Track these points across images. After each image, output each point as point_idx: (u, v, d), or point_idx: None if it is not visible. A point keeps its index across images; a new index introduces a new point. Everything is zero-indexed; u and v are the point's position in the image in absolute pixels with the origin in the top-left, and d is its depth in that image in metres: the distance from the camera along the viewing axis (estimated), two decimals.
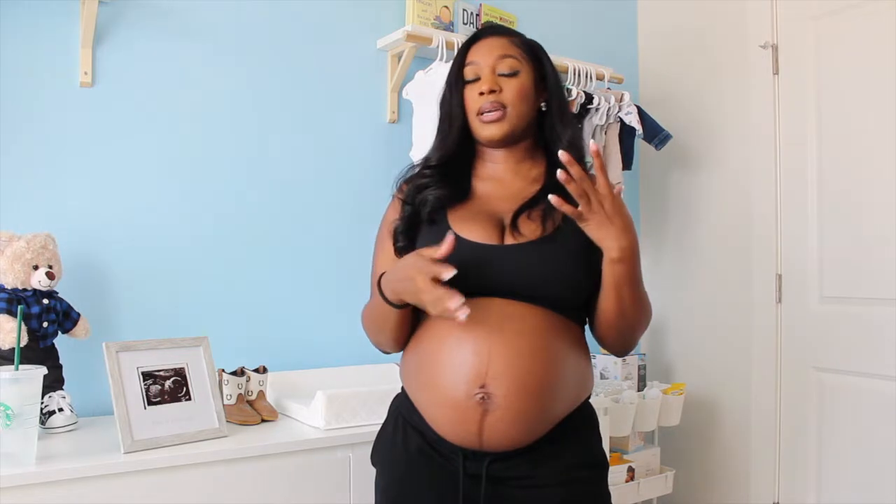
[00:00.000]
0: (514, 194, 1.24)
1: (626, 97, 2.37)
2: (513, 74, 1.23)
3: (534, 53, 1.28)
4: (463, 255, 1.16)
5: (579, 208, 1.07)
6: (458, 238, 1.17)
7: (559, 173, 1.04)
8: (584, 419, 1.24)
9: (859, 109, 2.15)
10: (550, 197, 1.05)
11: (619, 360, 2.38)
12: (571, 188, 1.05)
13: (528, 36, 1.32)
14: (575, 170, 1.04)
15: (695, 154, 2.62)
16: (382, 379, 1.99)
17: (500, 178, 1.28)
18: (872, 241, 2.11)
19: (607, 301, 1.16)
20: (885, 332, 2.06)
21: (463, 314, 1.02)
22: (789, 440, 2.32)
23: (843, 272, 2.19)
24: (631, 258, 1.11)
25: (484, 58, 1.24)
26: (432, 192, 1.24)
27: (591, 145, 1.05)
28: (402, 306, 1.16)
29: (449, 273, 1.04)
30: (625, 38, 2.80)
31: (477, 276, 1.15)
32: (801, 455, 2.28)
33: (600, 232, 1.09)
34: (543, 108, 1.28)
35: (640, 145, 2.55)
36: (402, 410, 1.25)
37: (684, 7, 2.67)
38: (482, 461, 1.14)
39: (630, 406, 2.20)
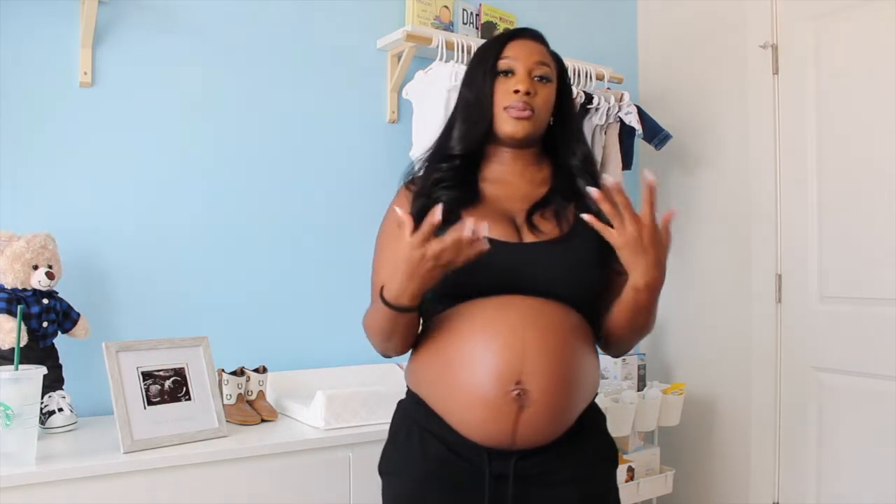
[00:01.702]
0: (523, 196, 1.26)
1: (626, 97, 2.36)
2: (546, 83, 1.26)
3: (560, 69, 1.31)
4: (487, 253, 1.14)
5: (614, 229, 1.08)
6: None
7: (594, 192, 1.05)
8: (597, 413, 1.28)
9: (859, 109, 2.14)
10: (584, 216, 1.07)
11: (619, 360, 2.38)
12: (605, 208, 1.06)
13: None
14: (620, 199, 1.05)
15: (695, 154, 2.62)
16: (382, 379, 1.99)
17: (507, 181, 1.29)
18: (872, 241, 2.11)
19: (621, 317, 1.18)
20: (885, 332, 2.06)
21: (482, 228, 1.03)
22: (789, 440, 2.32)
23: (843, 272, 2.19)
24: (654, 291, 1.13)
25: (523, 57, 1.25)
26: (445, 193, 1.24)
27: (647, 175, 1.04)
28: (412, 309, 1.13)
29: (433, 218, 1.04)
30: (625, 38, 2.80)
31: (502, 274, 1.16)
32: (801, 455, 2.28)
33: (633, 259, 1.09)
34: (551, 122, 1.31)
35: (640, 145, 2.55)
36: (417, 417, 1.22)
37: (684, 7, 2.67)
38: (509, 460, 1.14)
39: (630, 406, 2.20)
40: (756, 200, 2.42)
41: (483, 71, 1.27)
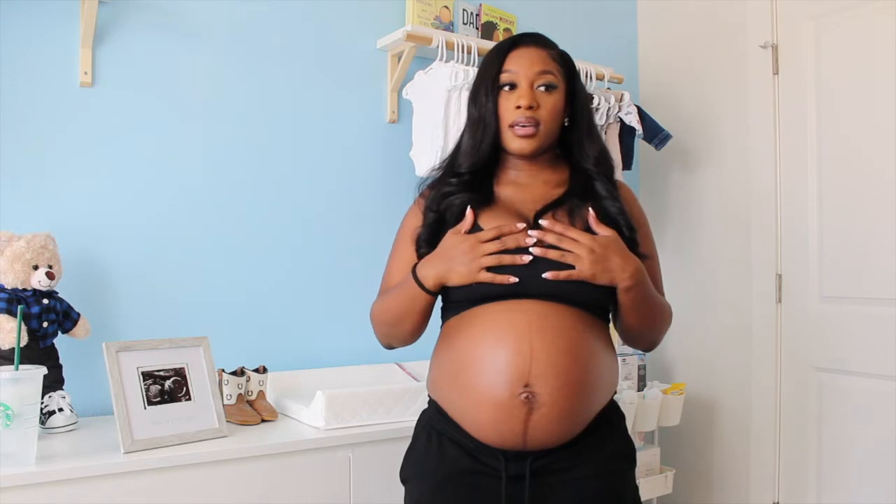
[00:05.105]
0: (538, 198, 1.26)
1: (626, 97, 2.36)
2: (550, 91, 1.24)
3: (568, 69, 1.29)
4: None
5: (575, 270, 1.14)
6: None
7: (534, 234, 1.16)
8: (615, 412, 1.28)
9: (859, 109, 2.15)
10: (549, 274, 1.14)
11: (619, 360, 2.38)
12: (550, 239, 1.15)
13: None
14: (553, 235, 1.14)
15: (695, 154, 2.62)
16: (382, 379, 1.99)
17: (523, 183, 1.29)
18: (872, 241, 2.11)
19: (630, 320, 1.22)
20: (885, 332, 2.06)
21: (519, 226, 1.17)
22: (789, 440, 2.32)
23: (843, 272, 2.19)
24: (642, 280, 1.17)
25: (524, 69, 1.23)
26: (459, 198, 1.25)
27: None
28: (430, 292, 1.20)
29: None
30: (625, 38, 2.80)
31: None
32: (801, 455, 2.28)
33: (607, 274, 1.14)
34: (566, 124, 1.29)
35: (640, 145, 2.55)
36: (435, 424, 1.24)
37: (684, 7, 2.67)
38: (524, 461, 1.15)
39: (630, 406, 2.20)
40: (756, 200, 2.42)
41: (485, 87, 1.25)
